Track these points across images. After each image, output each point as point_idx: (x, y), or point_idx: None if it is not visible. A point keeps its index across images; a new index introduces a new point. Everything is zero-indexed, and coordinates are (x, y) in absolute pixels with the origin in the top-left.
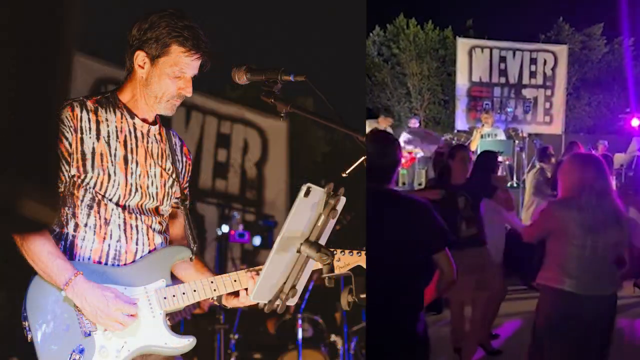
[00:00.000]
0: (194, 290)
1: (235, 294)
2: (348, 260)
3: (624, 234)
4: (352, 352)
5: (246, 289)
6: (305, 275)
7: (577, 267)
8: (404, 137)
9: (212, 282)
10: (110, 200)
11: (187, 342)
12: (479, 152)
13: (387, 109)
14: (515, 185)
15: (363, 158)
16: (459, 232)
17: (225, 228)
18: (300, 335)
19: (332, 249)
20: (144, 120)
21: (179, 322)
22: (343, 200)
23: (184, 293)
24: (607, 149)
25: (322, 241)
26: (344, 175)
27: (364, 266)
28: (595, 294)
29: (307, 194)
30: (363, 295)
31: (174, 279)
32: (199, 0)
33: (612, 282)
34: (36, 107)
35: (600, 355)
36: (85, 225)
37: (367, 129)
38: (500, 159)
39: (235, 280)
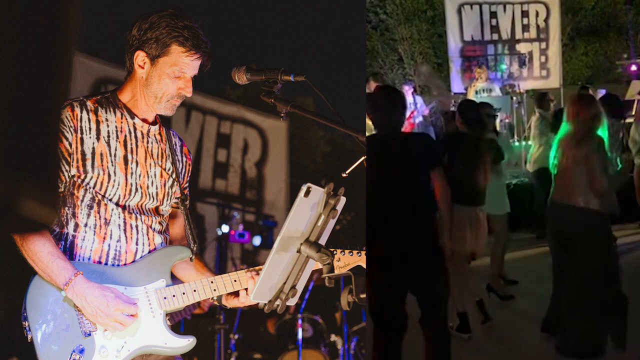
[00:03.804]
0: (194, 290)
1: (235, 294)
2: (348, 260)
3: None
4: (352, 352)
5: (246, 289)
6: (305, 275)
7: None
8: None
9: (212, 282)
10: (110, 200)
11: (187, 342)
12: None
13: (375, 74)
14: (516, 144)
15: (363, 158)
16: None
17: (225, 228)
18: (300, 335)
19: (332, 249)
20: (144, 120)
21: (179, 322)
22: (343, 200)
23: (184, 293)
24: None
25: (322, 241)
26: (344, 175)
27: (364, 266)
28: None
29: (307, 194)
30: (363, 295)
31: (174, 279)
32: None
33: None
34: (36, 107)
35: None
36: (85, 225)
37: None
38: (499, 116)
39: (235, 280)
